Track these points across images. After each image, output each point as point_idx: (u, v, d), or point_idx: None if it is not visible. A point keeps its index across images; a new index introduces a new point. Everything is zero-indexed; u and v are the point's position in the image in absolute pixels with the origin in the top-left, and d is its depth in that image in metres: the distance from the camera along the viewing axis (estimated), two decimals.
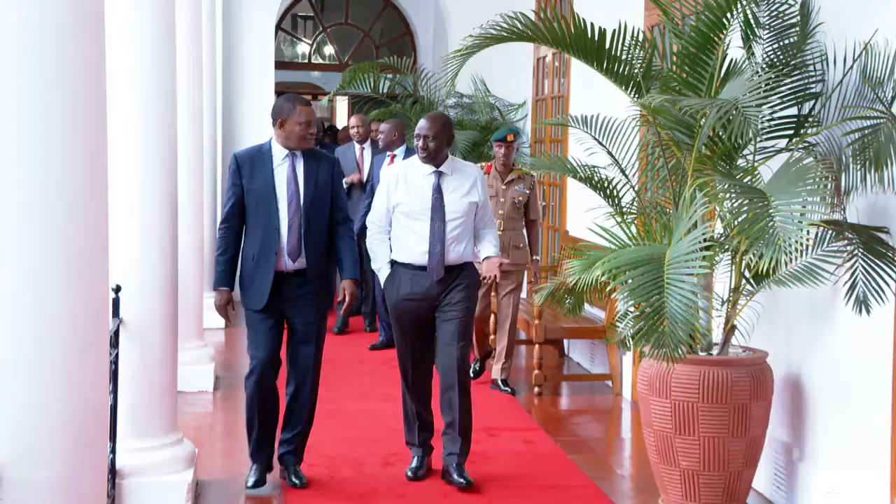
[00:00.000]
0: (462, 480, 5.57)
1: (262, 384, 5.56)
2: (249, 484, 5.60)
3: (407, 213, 5.60)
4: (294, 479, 5.61)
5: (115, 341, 5.01)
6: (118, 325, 5.09)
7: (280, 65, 13.50)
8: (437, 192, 5.61)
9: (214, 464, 6.04)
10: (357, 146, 9.97)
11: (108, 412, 4.71)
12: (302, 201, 5.48)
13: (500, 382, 7.80)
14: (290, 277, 5.49)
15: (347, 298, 5.65)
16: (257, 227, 5.51)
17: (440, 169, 5.64)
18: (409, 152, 8.53)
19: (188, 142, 7.66)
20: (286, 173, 5.49)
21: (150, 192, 5.30)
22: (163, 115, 5.38)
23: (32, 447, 2.65)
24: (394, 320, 5.77)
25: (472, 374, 6.75)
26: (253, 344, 5.60)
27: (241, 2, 12.06)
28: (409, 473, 5.75)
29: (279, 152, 5.52)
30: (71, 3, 2.75)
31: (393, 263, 5.68)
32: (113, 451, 5.00)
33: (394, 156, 8.86)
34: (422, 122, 5.66)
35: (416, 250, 5.59)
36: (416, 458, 5.83)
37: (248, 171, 5.50)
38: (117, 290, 5.05)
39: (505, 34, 5.49)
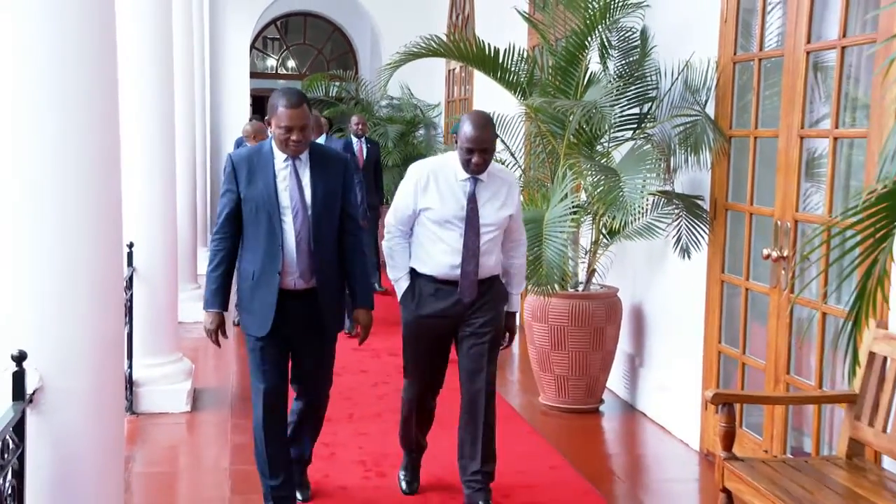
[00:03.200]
0: None
1: (270, 426, 3.62)
2: None
3: (436, 220, 3.69)
4: (297, 495, 3.86)
5: (129, 285, 4.95)
6: (132, 273, 5.03)
7: (253, 75, 13.39)
8: (472, 201, 3.67)
9: (207, 376, 5.99)
10: None
11: (125, 337, 4.69)
12: (310, 211, 3.52)
13: None
14: (298, 296, 3.56)
15: (362, 332, 3.74)
16: (257, 240, 3.53)
17: (477, 175, 3.70)
18: (328, 140, 7.41)
19: (183, 134, 7.53)
20: (289, 180, 3.51)
21: (155, 172, 5.25)
22: (164, 114, 5.31)
23: (68, 363, 2.64)
24: (410, 338, 3.84)
25: None
26: (257, 375, 3.61)
27: (224, 26, 12.04)
28: (404, 486, 4.09)
29: (280, 154, 3.53)
30: (89, 40, 2.70)
31: (413, 272, 3.79)
32: (130, 366, 4.96)
33: None
34: (472, 132, 3.58)
35: (443, 262, 3.70)
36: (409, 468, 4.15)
37: (245, 176, 3.53)
38: (131, 245, 4.99)
39: (423, 51, 5.49)
